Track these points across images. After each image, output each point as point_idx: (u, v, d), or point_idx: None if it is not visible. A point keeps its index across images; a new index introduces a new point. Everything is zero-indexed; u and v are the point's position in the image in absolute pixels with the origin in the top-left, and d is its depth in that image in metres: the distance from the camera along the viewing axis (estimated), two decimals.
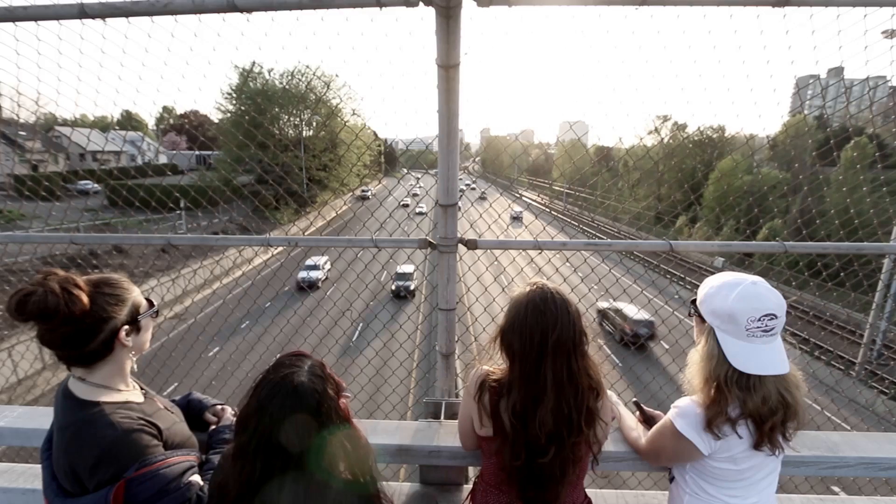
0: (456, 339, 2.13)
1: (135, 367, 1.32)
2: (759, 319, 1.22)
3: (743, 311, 1.23)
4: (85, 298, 1.10)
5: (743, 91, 1.96)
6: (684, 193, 33.14)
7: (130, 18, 1.74)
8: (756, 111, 2.24)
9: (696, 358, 1.34)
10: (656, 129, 43.39)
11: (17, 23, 1.86)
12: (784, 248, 2.11)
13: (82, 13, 1.71)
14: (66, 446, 1.11)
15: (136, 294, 1.25)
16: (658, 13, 1.55)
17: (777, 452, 1.28)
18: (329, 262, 21.84)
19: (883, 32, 2.05)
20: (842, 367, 14.69)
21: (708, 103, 1.98)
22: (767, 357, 1.23)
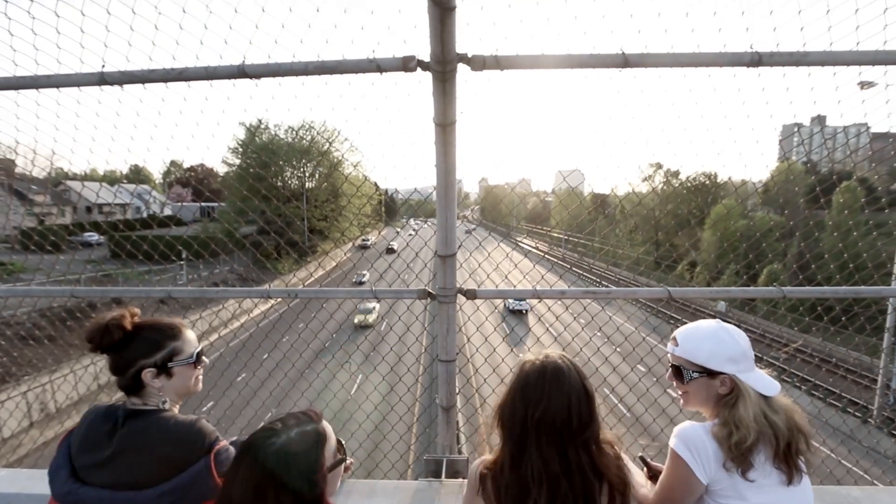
0: (457, 391, 2.09)
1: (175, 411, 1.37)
2: (750, 347, 1.34)
3: (747, 344, 1.33)
4: (117, 336, 1.25)
5: (727, 143, 2.05)
6: (682, 239, 33.47)
7: (146, 84, 1.86)
8: (742, 161, 2.33)
9: (738, 414, 1.25)
10: (649, 177, 44.57)
11: (39, 90, 1.98)
12: (782, 294, 2.12)
13: (102, 81, 1.83)
14: (141, 445, 1.19)
15: (179, 342, 1.35)
16: (640, 74, 1.66)
17: (796, 477, 1.24)
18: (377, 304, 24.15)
19: (859, 84, 2.17)
20: (858, 415, 14.16)
21: (694, 155, 2.07)
22: (767, 377, 1.32)
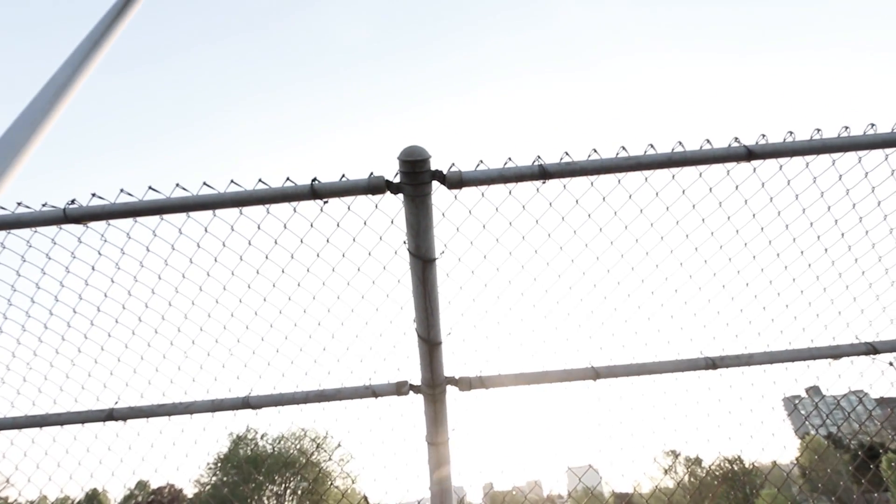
0: None
1: None
2: None
3: None
4: None
5: (721, 438, 2.05)
6: None
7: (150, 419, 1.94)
8: (752, 445, 2.25)
9: None
10: (670, 467, 40.34)
11: (42, 427, 2.03)
12: None
13: (109, 417, 1.92)
14: None
15: None
16: (612, 382, 1.82)
17: None
18: None
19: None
20: None
21: (695, 455, 2.02)
22: None
